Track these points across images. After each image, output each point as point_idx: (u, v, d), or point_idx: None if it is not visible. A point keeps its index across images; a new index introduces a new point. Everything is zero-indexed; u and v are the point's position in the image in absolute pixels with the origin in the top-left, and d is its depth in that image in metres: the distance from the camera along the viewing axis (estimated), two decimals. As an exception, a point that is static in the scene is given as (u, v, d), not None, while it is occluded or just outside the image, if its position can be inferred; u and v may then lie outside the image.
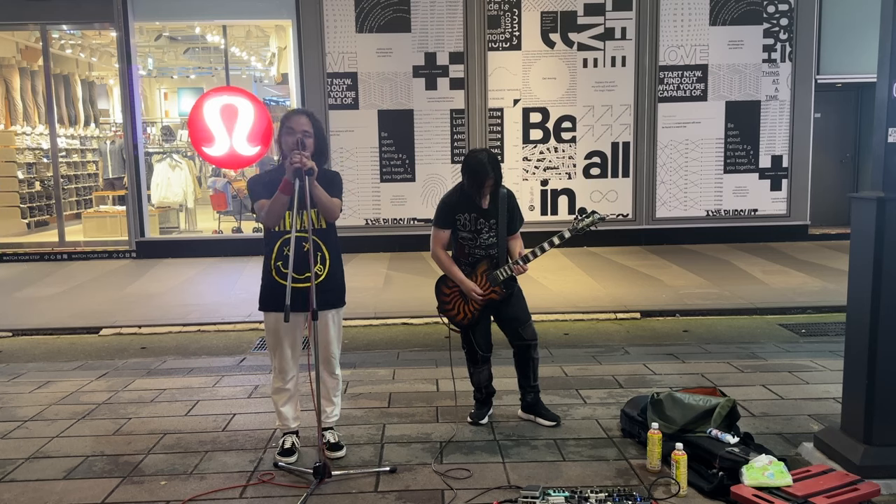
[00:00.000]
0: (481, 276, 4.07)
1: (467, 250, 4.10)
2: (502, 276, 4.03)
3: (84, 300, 8.06)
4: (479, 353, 4.19)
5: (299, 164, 3.37)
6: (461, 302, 4.12)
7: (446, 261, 4.12)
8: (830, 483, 3.23)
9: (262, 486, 3.55)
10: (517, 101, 10.78)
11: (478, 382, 4.28)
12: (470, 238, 4.07)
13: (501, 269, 4.04)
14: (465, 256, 4.11)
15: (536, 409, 4.26)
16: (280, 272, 3.64)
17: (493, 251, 4.07)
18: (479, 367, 4.24)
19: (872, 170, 3.54)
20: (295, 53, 10.69)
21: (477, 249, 4.08)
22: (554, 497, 3.22)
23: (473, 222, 4.05)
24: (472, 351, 4.20)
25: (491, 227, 4.06)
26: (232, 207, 12.17)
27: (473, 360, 4.23)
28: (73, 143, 14.25)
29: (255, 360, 5.79)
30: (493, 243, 4.07)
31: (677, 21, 10.72)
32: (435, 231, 4.13)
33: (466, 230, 4.07)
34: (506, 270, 4.03)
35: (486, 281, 4.05)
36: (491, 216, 4.06)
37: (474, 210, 4.06)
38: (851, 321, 3.58)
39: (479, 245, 4.07)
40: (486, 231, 4.06)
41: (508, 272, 4.03)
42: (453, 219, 4.09)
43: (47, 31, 11.48)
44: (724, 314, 7.04)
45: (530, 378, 4.23)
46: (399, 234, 10.76)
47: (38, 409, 4.70)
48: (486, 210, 4.06)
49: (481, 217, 4.05)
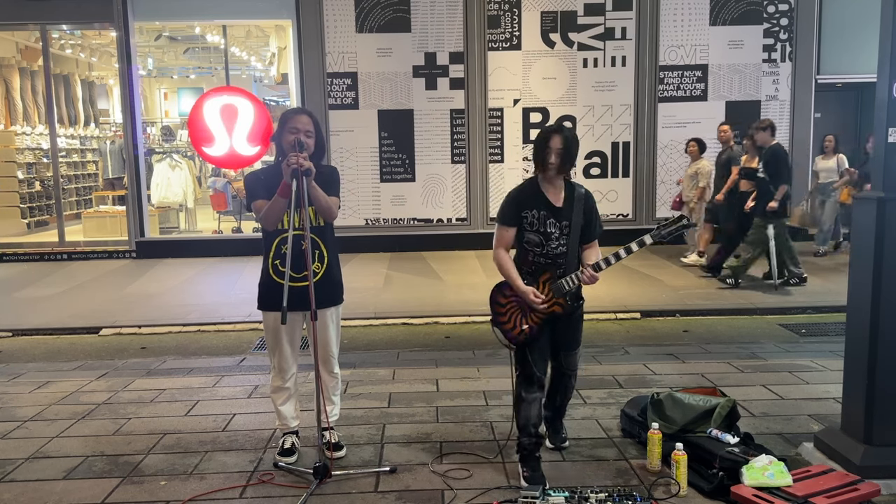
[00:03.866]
0: (543, 284, 3.52)
1: (531, 257, 3.55)
2: (567, 287, 3.49)
3: (84, 300, 8.06)
4: (536, 374, 3.52)
5: (297, 165, 3.36)
6: (518, 314, 3.55)
7: (507, 264, 3.55)
8: (830, 483, 3.23)
9: (262, 486, 3.55)
10: (517, 101, 10.78)
11: (527, 417, 3.52)
12: (537, 242, 3.51)
13: (568, 279, 3.49)
14: (528, 264, 3.56)
15: (551, 425, 3.92)
16: (278, 271, 3.64)
17: (560, 260, 3.52)
18: (532, 392, 3.53)
19: (873, 170, 3.54)
20: (295, 53, 10.69)
21: (542, 258, 3.53)
22: (554, 497, 3.22)
23: (542, 222, 3.49)
24: (528, 369, 3.52)
25: (563, 230, 3.50)
26: (232, 207, 12.17)
27: (528, 383, 3.54)
28: (73, 143, 14.24)
29: (255, 360, 5.79)
30: (563, 252, 3.51)
31: (677, 21, 10.72)
32: (499, 229, 3.59)
33: (534, 231, 3.51)
34: (573, 280, 3.48)
35: (549, 291, 3.51)
36: (564, 217, 3.51)
37: (544, 207, 3.50)
38: (851, 321, 3.58)
39: (546, 253, 3.51)
40: (556, 235, 3.50)
41: (576, 281, 3.48)
42: (519, 215, 3.53)
43: (47, 31, 11.48)
44: (724, 314, 7.04)
45: (556, 400, 3.85)
46: (399, 234, 10.76)
47: (38, 409, 4.70)
48: (558, 209, 3.51)
49: (552, 216, 3.50)
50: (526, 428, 3.53)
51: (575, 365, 3.77)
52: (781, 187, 7.48)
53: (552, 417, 3.90)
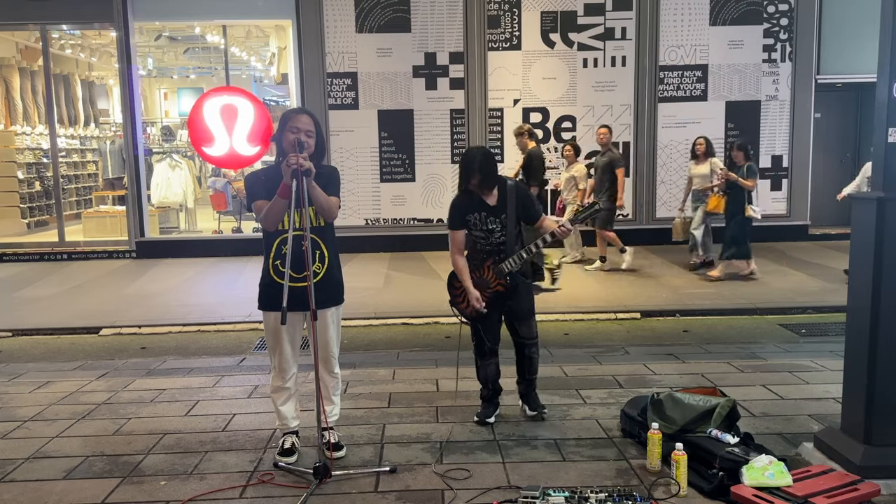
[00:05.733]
0: (487, 269, 4.18)
1: (478, 246, 4.19)
2: (508, 268, 4.11)
3: (84, 300, 8.06)
4: (487, 345, 4.25)
5: (296, 165, 3.37)
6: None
7: (462, 268, 4.22)
8: (830, 483, 3.23)
9: (262, 487, 3.55)
10: (517, 101, 10.78)
11: (485, 377, 4.34)
12: (482, 237, 4.16)
13: (507, 261, 4.11)
14: (477, 252, 4.22)
15: (525, 398, 4.42)
16: (279, 271, 3.64)
17: (501, 247, 4.14)
18: (485, 359, 4.30)
19: (872, 170, 3.54)
20: (295, 53, 10.69)
21: (487, 246, 4.16)
22: (554, 497, 3.22)
23: (484, 221, 4.13)
24: (480, 342, 4.28)
25: (502, 223, 4.12)
26: (232, 207, 12.17)
27: (480, 353, 4.31)
28: (72, 143, 14.24)
29: (255, 360, 5.79)
30: (503, 241, 4.13)
31: (677, 21, 10.72)
32: (451, 234, 4.24)
33: (478, 229, 4.15)
34: (511, 262, 4.10)
35: (493, 273, 4.15)
36: (500, 212, 4.12)
37: (483, 209, 4.13)
38: (851, 321, 3.58)
39: (491, 242, 4.15)
40: (497, 229, 4.13)
41: (514, 264, 4.10)
42: (464, 219, 4.17)
43: (47, 31, 11.48)
44: (724, 314, 7.04)
45: (524, 373, 4.38)
46: (399, 234, 10.77)
47: (38, 409, 4.70)
48: (494, 207, 4.12)
49: (491, 215, 4.12)
50: (485, 383, 4.36)
51: (531, 334, 4.31)
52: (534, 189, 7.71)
53: (526, 391, 4.40)
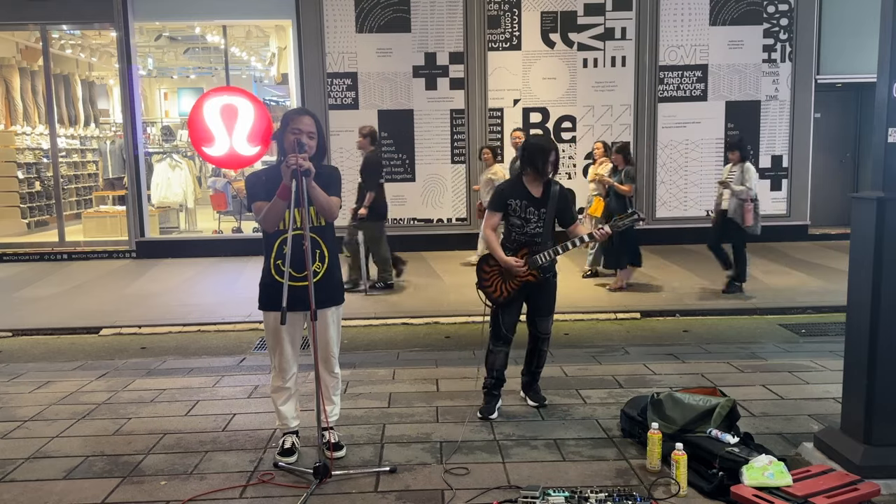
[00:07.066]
0: (522, 258, 4.30)
1: (514, 235, 4.34)
2: (541, 261, 4.25)
3: (84, 300, 8.06)
4: (502, 331, 4.37)
5: (295, 165, 3.37)
6: (499, 280, 4.34)
7: (493, 240, 4.37)
8: (830, 483, 3.23)
9: (262, 486, 3.55)
10: (517, 101, 10.78)
11: (492, 364, 4.43)
12: (518, 224, 4.32)
13: (541, 255, 4.25)
14: (511, 242, 4.35)
15: (527, 389, 4.61)
16: (280, 270, 3.63)
17: (537, 239, 4.30)
18: (498, 345, 4.41)
19: (872, 170, 3.53)
20: (295, 53, 10.69)
21: (522, 236, 4.31)
22: (554, 497, 3.22)
23: (524, 209, 4.29)
24: (497, 327, 4.40)
25: (540, 216, 4.30)
26: (232, 207, 12.17)
27: (496, 336, 4.41)
28: (73, 143, 14.24)
29: (255, 360, 5.79)
30: (539, 233, 4.30)
31: (677, 21, 10.72)
32: (488, 213, 4.44)
33: (517, 216, 4.31)
34: (545, 256, 4.25)
35: (526, 264, 4.27)
36: (541, 205, 4.30)
37: (526, 197, 4.30)
38: (851, 321, 3.58)
39: (526, 232, 4.30)
40: (534, 220, 4.29)
41: (548, 257, 4.26)
42: (505, 203, 4.33)
43: (47, 31, 11.48)
44: (724, 314, 7.04)
45: (532, 364, 4.56)
46: (399, 234, 10.74)
47: (38, 409, 4.70)
48: (537, 199, 4.31)
49: (531, 205, 4.29)
50: (491, 370, 4.45)
51: (547, 330, 4.48)
52: (369, 194, 7.74)
53: (529, 382, 4.61)
